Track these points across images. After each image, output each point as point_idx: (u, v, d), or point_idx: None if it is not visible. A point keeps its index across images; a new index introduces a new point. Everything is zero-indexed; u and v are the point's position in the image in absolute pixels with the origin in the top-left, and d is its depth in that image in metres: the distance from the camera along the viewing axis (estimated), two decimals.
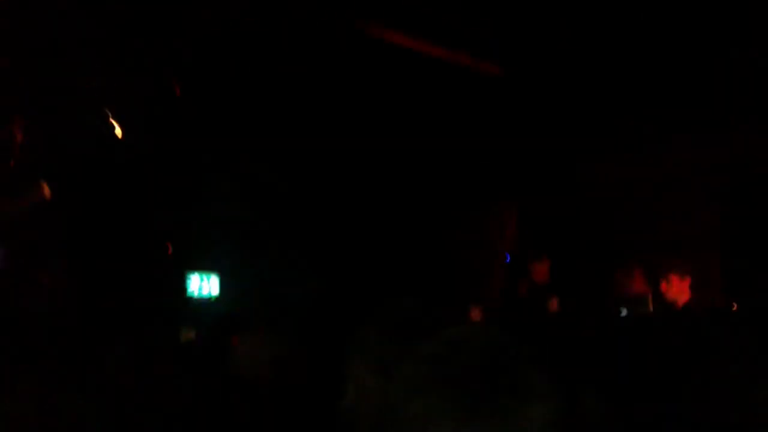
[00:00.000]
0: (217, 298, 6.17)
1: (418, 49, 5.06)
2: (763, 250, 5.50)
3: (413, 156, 6.24)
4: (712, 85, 5.10)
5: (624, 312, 5.37)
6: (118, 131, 5.08)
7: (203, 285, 5.99)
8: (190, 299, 5.84)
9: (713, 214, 6.16)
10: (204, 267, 6.17)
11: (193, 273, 5.95)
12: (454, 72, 5.38)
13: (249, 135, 5.61)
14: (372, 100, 5.43)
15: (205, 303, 5.90)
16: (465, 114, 5.71)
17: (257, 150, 5.79)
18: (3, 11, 4.23)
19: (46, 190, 3.88)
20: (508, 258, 7.11)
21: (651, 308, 5.37)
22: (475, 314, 6.06)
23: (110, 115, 4.83)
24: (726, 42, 4.72)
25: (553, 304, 6.12)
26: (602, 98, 5.64)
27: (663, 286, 5.78)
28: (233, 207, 6.18)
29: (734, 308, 5.21)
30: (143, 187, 5.20)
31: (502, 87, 5.63)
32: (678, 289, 5.70)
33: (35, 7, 4.36)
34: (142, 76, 4.90)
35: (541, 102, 5.72)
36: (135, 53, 4.78)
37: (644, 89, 5.38)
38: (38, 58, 4.40)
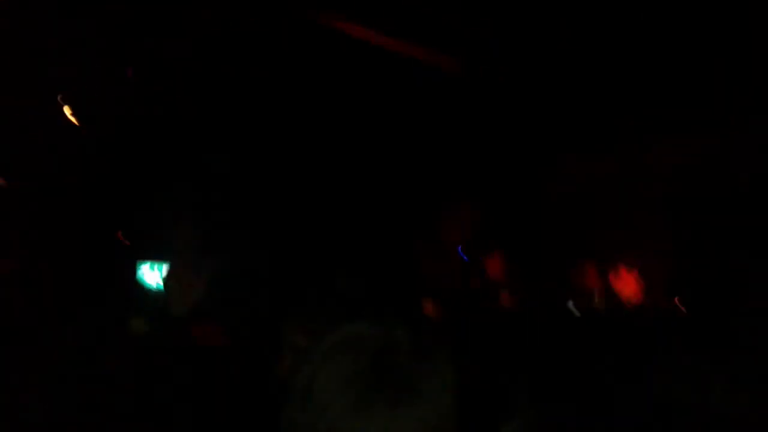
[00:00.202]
0: (178, 287, 6.11)
1: (376, 43, 5.05)
2: (711, 252, 5.67)
3: (369, 150, 6.26)
4: (669, 92, 5.19)
5: (571, 305, 5.49)
6: (73, 119, 5.02)
7: (157, 275, 5.95)
8: (143, 289, 5.80)
9: (665, 215, 6.33)
10: (159, 256, 6.12)
11: (146, 263, 5.90)
12: (413, 66, 5.39)
13: (202, 125, 5.59)
14: (328, 92, 5.43)
15: (158, 293, 5.85)
16: (423, 109, 5.73)
17: (211, 140, 5.76)
18: None
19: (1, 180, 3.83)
20: (462, 252, 7.19)
21: (597, 302, 5.49)
22: (428, 308, 6.12)
23: (63, 103, 4.78)
24: (685, 49, 4.81)
25: (506, 299, 6.21)
26: (561, 98, 5.71)
27: (611, 280, 5.93)
28: (190, 196, 6.15)
29: (680, 307, 5.36)
30: (95, 175, 5.15)
31: (461, 83, 5.66)
32: (626, 284, 5.85)
33: None
34: (96, 66, 4.86)
35: (500, 99, 5.76)
36: (89, 41, 4.73)
37: (603, 92, 5.46)
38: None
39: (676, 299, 5.35)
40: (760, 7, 4.19)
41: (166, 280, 2.86)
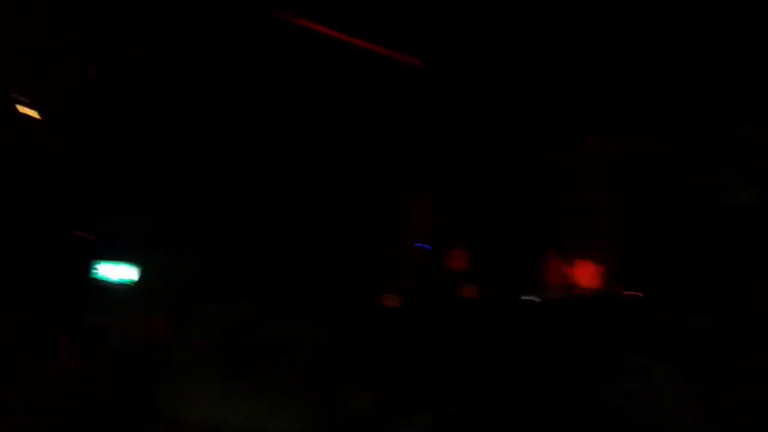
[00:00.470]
0: (135, 284, 6.08)
1: (336, 38, 5.07)
2: (665, 243, 5.80)
3: (328, 144, 6.27)
4: (623, 88, 5.27)
5: (535, 298, 5.57)
6: (32, 113, 4.96)
7: (119, 270, 5.90)
8: (102, 284, 5.76)
9: (621, 207, 6.46)
10: (122, 254, 6.09)
11: (108, 260, 5.86)
12: (373, 62, 5.42)
13: (158, 123, 5.56)
14: (289, 88, 5.43)
15: (120, 288, 5.81)
16: (382, 103, 5.76)
17: (169, 138, 5.73)
18: None
19: None
20: (425, 246, 7.24)
21: (561, 294, 5.58)
22: (391, 302, 6.16)
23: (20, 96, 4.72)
24: (637, 44, 4.88)
25: (469, 291, 6.28)
26: (519, 91, 5.77)
27: (574, 272, 6.04)
28: (150, 198, 6.13)
29: (638, 296, 5.48)
30: (53, 176, 5.10)
31: (420, 77, 5.69)
32: (589, 276, 5.96)
33: None
34: (60, 61, 4.82)
35: (459, 93, 5.81)
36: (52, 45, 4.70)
37: (560, 86, 5.53)
38: None
39: (633, 291, 5.47)
40: (728, 13, 4.29)
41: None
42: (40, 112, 5.16)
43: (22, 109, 5.11)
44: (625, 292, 5.58)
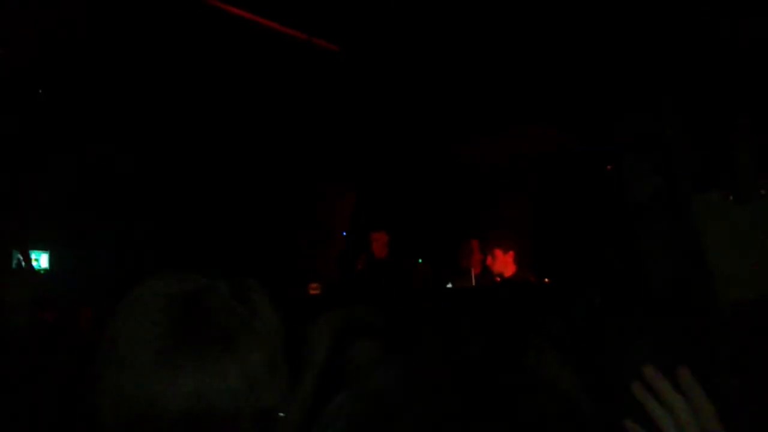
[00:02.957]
0: (48, 272, 5.99)
1: (253, 22, 4.99)
2: (569, 232, 6.06)
3: (248, 134, 6.24)
4: (538, 81, 5.41)
5: (449, 285, 5.73)
6: None
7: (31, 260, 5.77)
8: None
9: (529, 199, 6.72)
10: (35, 242, 5.96)
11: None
12: (291, 47, 5.37)
13: (85, 111, 5.43)
14: (206, 74, 5.37)
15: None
16: (301, 91, 5.74)
17: (94, 126, 5.60)
18: None
19: None
20: (345, 234, 7.31)
21: (473, 282, 5.75)
22: (314, 290, 6.21)
23: None
24: (551, 39, 5.01)
25: (391, 279, 6.38)
26: (437, 81, 5.82)
27: (488, 260, 6.23)
28: (68, 182, 5.99)
29: (546, 282, 5.72)
30: None
31: (340, 64, 5.68)
32: (502, 263, 6.16)
33: None
34: None
35: (379, 81, 5.82)
36: None
37: (477, 77, 5.62)
38: None
39: (545, 279, 5.69)
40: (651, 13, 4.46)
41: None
42: None
43: None
44: (534, 279, 5.81)
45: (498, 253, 6.06)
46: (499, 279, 5.96)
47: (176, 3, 4.69)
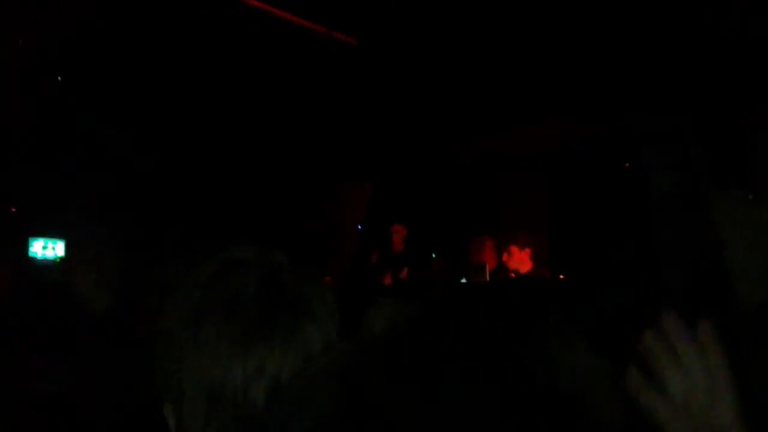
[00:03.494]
0: (63, 260, 6.00)
1: (272, 15, 4.98)
2: (583, 229, 6.02)
3: (263, 126, 6.24)
4: (549, 75, 5.38)
5: (463, 280, 5.72)
6: None
7: (48, 248, 5.81)
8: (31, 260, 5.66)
9: (544, 196, 6.69)
10: (51, 231, 5.99)
11: (37, 238, 5.76)
12: (309, 42, 5.36)
13: (96, 101, 5.45)
14: (224, 67, 5.37)
15: (48, 265, 5.72)
16: (318, 86, 5.73)
17: (106, 116, 5.63)
18: None
19: None
20: (360, 228, 7.30)
21: (487, 277, 5.73)
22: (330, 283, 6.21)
23: None
24: (568, 35, 4.97)
25: (404, 273, 6.39)
26: (455, 78, 5.81)
27: (504, 257, 6.22)
28: (84, 172, 6.02)
29: (561, 279, 5.69)
30: None
31: (357, 59, 5.67)
32: (518, 260, 6.15)
33: None
34: None
35: (396, 74, 5.80)
36: None
37: (495, 77, 5.59)
38: None
39: (560, 276, 5.66)
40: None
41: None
42: None
43: None
44: (549, 275, 5.78)
45: (514, 249, 6.06)
46: (513, 275, 5.94)
47: None
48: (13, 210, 5.88)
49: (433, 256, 6.20)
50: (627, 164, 5.56)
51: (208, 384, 0.87)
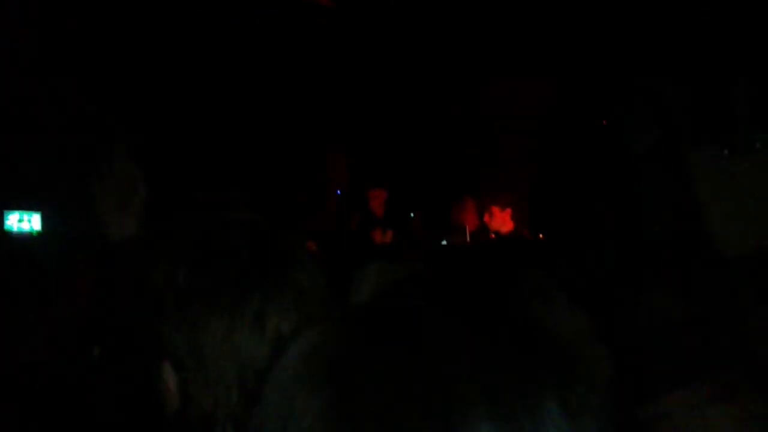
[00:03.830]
0: (41, 234, 5.93)
1: None
2: (566, 190, 6.04)
3: (239, 91, 6.16)
4: (528, 32, 5.35)
5: (444, 242, 5.74)
6: None
7: (23, 220, 5.72)
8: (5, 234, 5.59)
9: (524, 156, 6.69)
10: (26, 204, 5.90)
11: (12, 211, 5.67)
12: (289, 5, 5.29)
13: (75, 72, 5.35)
14: (204, 33, 5.28)
15: (25, 238, 5.65)
16: (296, 47, 5.66)
17: (82, 85, 5.52)
18: None
19: None
20: (339, 192, 7.27)
21: (468, 239, 5.74)
22: (311, 247, 6.19)
23: None
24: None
25: (387, 236, 6.38)
26: (435, 40, 5.76)
27: (486, 217, 6.22)
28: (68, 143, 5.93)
29: (541, 238, 5.73)
30: None
31: (336, 23, 5.60)
32: (500, 220, 6.16)
33: None
34: None
35: (375, 37, 5.75)
36: None
37: (473, 38, 5.55)
38: None
39: (540, 235, 5.70)
40: None
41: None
42: None
43: None
44: (529, 235, 5.81)
45: (495, 210, 6.06)
46: (494, 236, 5.95)
47: None
48: None
49: (411, 215, 6.19)
50: (605, 121, 5.57)
51: (210, 339, 0.87)
